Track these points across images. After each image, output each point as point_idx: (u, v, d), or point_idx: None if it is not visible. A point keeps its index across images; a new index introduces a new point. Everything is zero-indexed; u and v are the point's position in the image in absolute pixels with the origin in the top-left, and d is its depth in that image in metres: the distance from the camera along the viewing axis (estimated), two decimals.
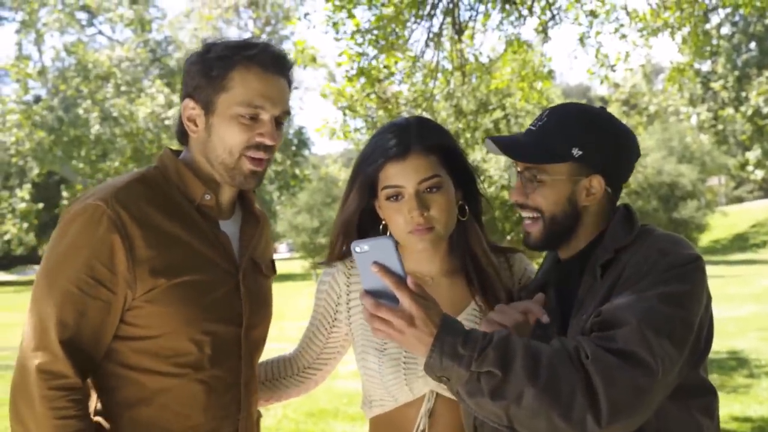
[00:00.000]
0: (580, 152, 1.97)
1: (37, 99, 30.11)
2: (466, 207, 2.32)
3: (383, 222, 2.30)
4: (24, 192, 28.33)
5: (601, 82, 9.66)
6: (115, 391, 2.06)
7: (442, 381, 1.76)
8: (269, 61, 2.10)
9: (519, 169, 2.06)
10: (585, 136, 1.98)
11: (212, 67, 2.08)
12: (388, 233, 2.28)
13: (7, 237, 28.69)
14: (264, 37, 2.29)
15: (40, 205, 29.14)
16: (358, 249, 1.76)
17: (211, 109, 2.09)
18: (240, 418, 2.18)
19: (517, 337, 1.75)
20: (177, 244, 2.05)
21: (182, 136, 2.20)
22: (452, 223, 2.25)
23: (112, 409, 2.05)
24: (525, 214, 2.06)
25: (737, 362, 10.41)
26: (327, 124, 9.98)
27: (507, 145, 2.07)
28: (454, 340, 1.72)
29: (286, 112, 2.15)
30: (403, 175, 2.18)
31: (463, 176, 2.31)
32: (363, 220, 2.34)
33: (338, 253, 2.38)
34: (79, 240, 1.98)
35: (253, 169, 2.12)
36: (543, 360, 1.70)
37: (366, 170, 2.23)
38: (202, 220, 2.13)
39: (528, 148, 2.03)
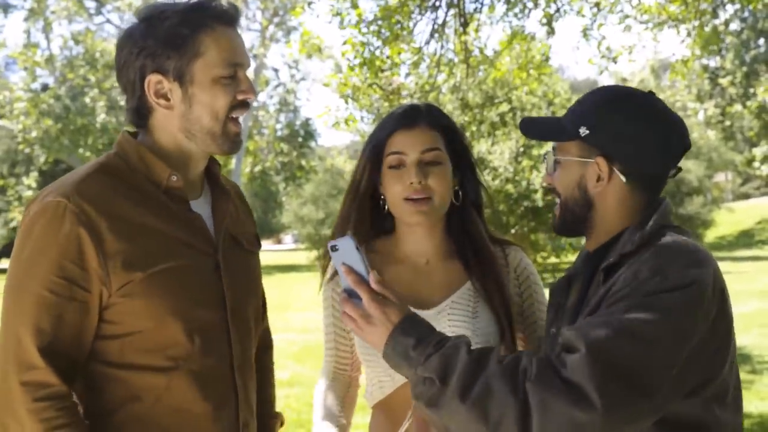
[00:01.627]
0: (587, 131, 1.90)
1: (45, 87, 30.11)
2: (461, 192, 2.41)
3: (382, 197, 2.41)
4: (30, 180, 28.39)
5: (600, 72, 9.66)
6: (102, 391, 1.95)
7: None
8: (228, 17, 2.03)
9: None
10: (595, 115, 1.91)
11: (176, 36, 1.96)
12: (385, 207, 2.40)
13: (13, 224, 28.75)
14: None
15: None
16: (331, 248, 1.85)
17: (187, 79, 1.97)
18: (238, 405, 2.09)
19: (469, 348, 1.72)
20: (148, 233, 1.95)
21: (141, 118, 2.06)
22: (447, 201, 2.35)
23: (101, 410, 1.96)
24: (555, 197, 2.05)
25: (740, 358, 10.39)
26: (329, 111, 9.97)
27: (527, 122, 2.05)
28: (406, 341, 1.76)
29: (249, 60, 2.11)
30: (408, 143, 2.31)
31: (462, 162, 2.40)
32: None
33: (344, 227, 2.43)
34: (43, 241, 1.86)
35: (237, 131, 2.05)
36: (481, 377, 1.66)
37: (377, 138, 2.37)
38: (171, 203, 2.02)
39: (541, 125, 2.04)
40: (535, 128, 2.04)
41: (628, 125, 1.88)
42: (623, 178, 1.90)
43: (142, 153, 2.03)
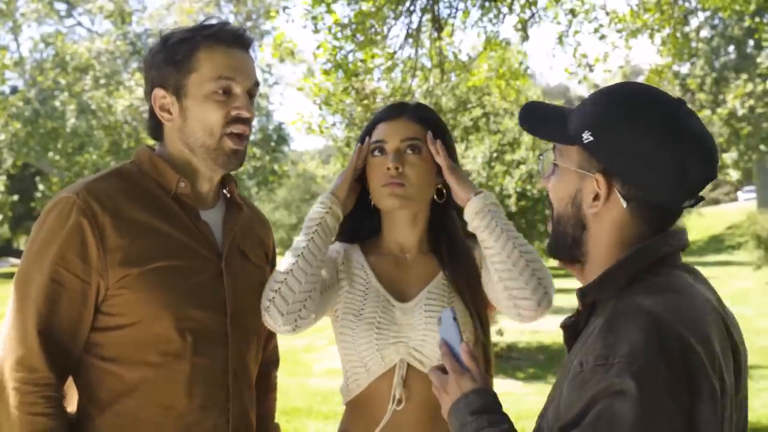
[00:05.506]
0: (591, 138, 1.56)
1: (14, 90, 29.79)
2: (445, 191, 2.45)
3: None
4: None
5: (579, 82, 9.70)
6: (96, 385, 2.06)
7: None
8: (231, 38, 2.13)
9: None
10: (602, 120, 1.57)
11: (176, 52, 2.10)
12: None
13: None
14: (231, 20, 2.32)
15: (15, 197, 28.87)
16: (438, 321, 1.94)
17: (182, 93, 2.10)
18: (230, 408, 2.15)
19: None
20: (152, 234, 2.06)
21: (155, 130, 2.20)
22: (424, 192, 2.39)
23: (95, 404, 2.06)
24: (548, 208, 1.83)
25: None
26: (302, 118, 9.94)
27: (529, 110, 1.75)
28: (465, 409, 1.71)
29: (256, 84, 2.18)
30: (389, 132, 2.39)
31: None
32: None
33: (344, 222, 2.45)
34: (51, 232, 2.00)
35: (234, 147, 2.13)
36: None
37: (363, 132, 2.47)
38: (179, 210, 2.12)
39: (542, 119, 1.71)
40: (535, 122, 1.73)
41: (638, 140, 1.53)
42: (623, 203, 1.56)
43: (155, 160, 2.16)
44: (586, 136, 1.56)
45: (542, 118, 1.71)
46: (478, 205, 2.23)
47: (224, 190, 2.32)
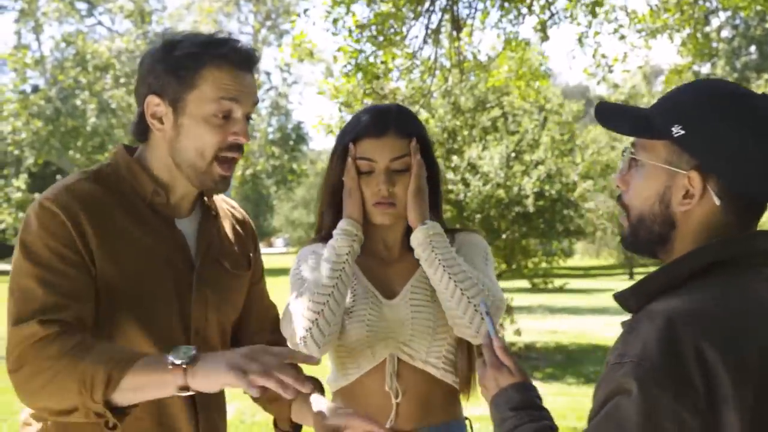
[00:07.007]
0: (682, 132, 1.50)
1: (35, 89, 30.01)
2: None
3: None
4: (20, 181, 28.20)
5: (598, 83, 9.69)
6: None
7: None
8: (240, 59, 2.05)
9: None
10: (694, 113, 1.51)
11: (181, 66, 2.00)
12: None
13: (2, 226, 28.65)
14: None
15: (36, 195, 29.07)
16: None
17: (180, 107, 2.01)
18: (199, 421, 2.09)
19: None
20: (127, 244, 1.99)
21: (141, 133, 2.11)
22: None
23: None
24: (619, 204, 1.68)
25: None
26: (323, 120, 9.99)
27: (604, 109, 1.67)
28: (505, 406, 1.79)
29: (255, 103, 2.11)
30: (377, 151, 2.38)
31: (427, 166, 2.45)
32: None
33: (328, 224, 2.50)
34: (38, 235, 1.91)
35: (223, 174, 2.06)
36: None
37: (346, 140, 2.42)
38: (155, 218, 2.07)
39: (622, 115, 1.65)
40: (614, 118, 1.66)
41: (733, 133, 1.48)
42: (717, 200, 1.50)
43: (132, 166, 2.09)
44: (677, 130, 1.51)
45: (620, 114, 1.66)
46: (421, 236, 2.33)
47: (204, 198, 2.25)
